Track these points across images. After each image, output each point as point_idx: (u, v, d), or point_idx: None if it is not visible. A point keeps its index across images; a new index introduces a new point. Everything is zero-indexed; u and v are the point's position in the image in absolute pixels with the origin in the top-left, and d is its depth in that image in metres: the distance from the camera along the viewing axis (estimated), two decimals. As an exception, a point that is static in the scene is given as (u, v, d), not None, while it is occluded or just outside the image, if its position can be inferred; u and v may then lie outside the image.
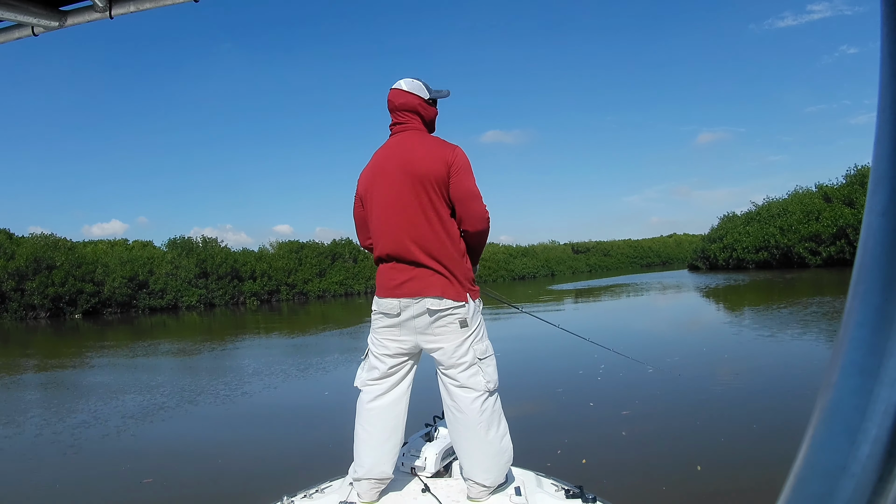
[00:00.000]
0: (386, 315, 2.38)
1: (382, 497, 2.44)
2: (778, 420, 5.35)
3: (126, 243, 45.58)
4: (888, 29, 0.38)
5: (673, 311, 19.05)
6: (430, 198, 2.33)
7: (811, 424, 0.38)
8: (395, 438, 2.42)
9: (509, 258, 68.93)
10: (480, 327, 2.41)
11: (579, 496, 2.32)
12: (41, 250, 35.53)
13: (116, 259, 38.84)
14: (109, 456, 5.78)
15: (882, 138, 0.37)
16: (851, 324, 0.37)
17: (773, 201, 48.98)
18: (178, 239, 44.45)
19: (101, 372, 12.23)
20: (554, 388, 7.47)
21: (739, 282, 30.02)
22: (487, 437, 2.32)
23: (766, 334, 11.12)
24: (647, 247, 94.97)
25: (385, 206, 2.40)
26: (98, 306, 36.03)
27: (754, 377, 7.41)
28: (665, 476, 4.36)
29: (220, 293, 41.16)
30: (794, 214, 42.69)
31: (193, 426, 7.05)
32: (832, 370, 0.38)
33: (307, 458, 5.29)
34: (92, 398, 8.83)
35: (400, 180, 2.36)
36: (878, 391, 0.35)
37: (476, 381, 2.32)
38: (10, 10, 1.35)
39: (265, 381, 9.52)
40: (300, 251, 48.04)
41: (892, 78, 0.37)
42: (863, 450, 0.35)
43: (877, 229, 0.37)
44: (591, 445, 5.15)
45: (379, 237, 2.43)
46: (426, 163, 2.34)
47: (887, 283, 0.36)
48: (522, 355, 10.07)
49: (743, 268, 44.80)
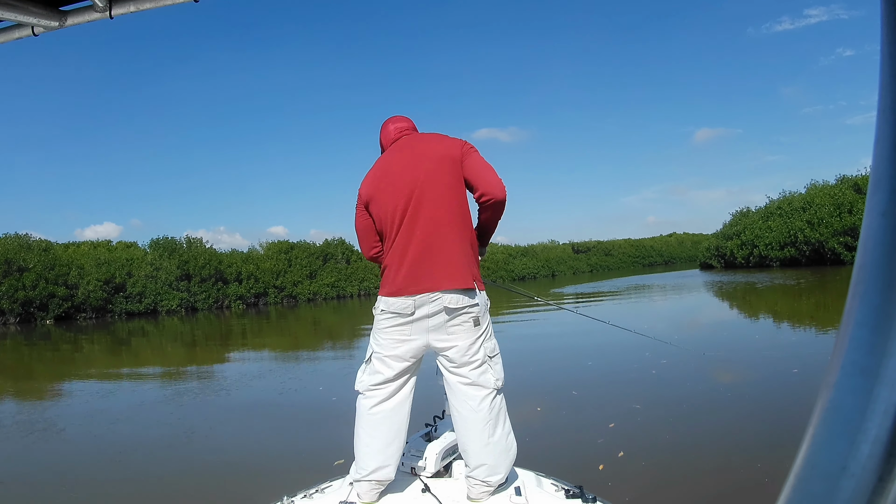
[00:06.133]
0: (399, 314, 2.43)
1: (382, 497, 2.51)
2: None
3: (109, 244, 45.24)
4: (888, 29, 0.39)
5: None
6: (448, 179, 2.46)
7: (811, 424, 0.40)
8: (398, 442, 2.51)
9: (509, 258, 68.73)
10: (489, 325, 2.52)
11: (579, 496, 2.39)
12: (13, 252, 35.18)
13: (93, 261, 38.38)
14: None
15: (882, 139, 0.39)
16: (851, 324, 0.39)
17: (794, 195, 48.17)
18: (160, 239, 44.17)
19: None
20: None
21: (793, 282, 27.36)
22: (494, 435, 2.42)
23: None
24: (649, 246, 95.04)
25: (400, 196, 2.47)
26: (71, 311, 35.60)
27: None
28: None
29: (203, 296, 40.82)
30: (823, 207, 41.55)
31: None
32: (832, 370, 0.39)
33: (307, 458, 5.36)
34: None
35: (417, 167, 2.47)
36: (878, 391, 0.37)
37: (486, 378, 2.43)
38: (10, 10, 1.39)
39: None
40: (290, 252, 47.70)
41: (892, 78, 0.39)
42: (863, 450, 0.37)
43: (877, 229, 0.39)
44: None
45: (392, 232, 2.50)
46: (440, 145, 2.52)
47: (887, 283, 0.38)
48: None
49: (766, 266, 44.04)
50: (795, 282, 26.77)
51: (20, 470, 5.80)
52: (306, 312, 33.32)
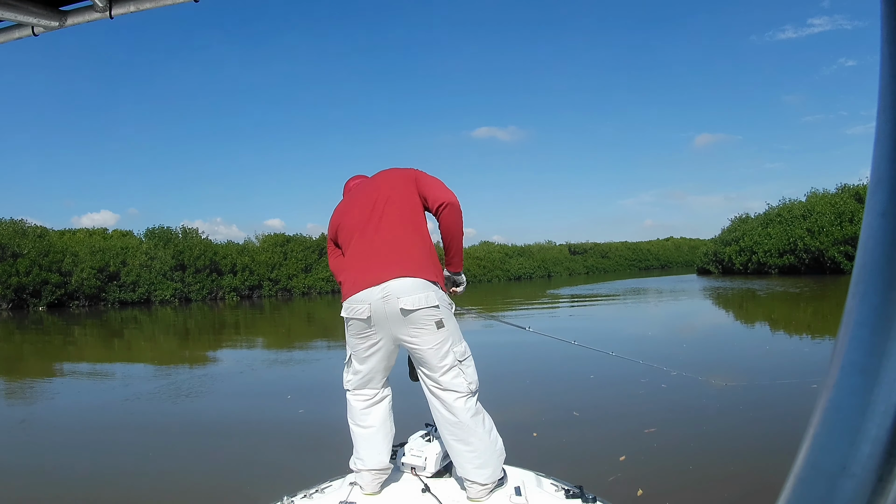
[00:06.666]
0: (357, 319, 2.55)
1: (383, 497, 2.58)
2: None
3: (104, 232, 45.25)
4: (888, 31, 0.40)
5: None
6: (400, 198, 2.62)
7: (811, 424, 0.40)
8: (385, 428, 2.68)
9: (505, 258, 68.83)
10: (457, 329, 2.57)
11: (579, 496, 2.42)
12: (7, 237, 35.18)
13: (87, 248, 38.37)
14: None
15: (882, 139, 0.40)
16: (851, 324, 0.39)
17: (795, 202, 48.17)
18: (156, 228, 44.18)
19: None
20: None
21: (797, 290, 26.49)
22: (477, 435, 2.48)
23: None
24: (645, 249, 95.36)
25: (362, 210, 2.68)
26: (64, 298, 35.65)
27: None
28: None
29: (197, 287, 40.85)
30: (824, 215, 41.36)
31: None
32: (832, 370, 0.40)
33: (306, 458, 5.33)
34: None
35: (372, 196, 2.67)
36: (878, 391, 0.37)
37: (458, 382, 2.49)
38: (10, 10, 1.39)
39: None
40: (286, 245, 47.69)
41: (892, 79, 0.39)
42: (863, 450, 0.37)
43: (877, 229, 0.39)
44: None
45: (351, 239, 2.68)
46: (394, 173, 2.75)
47: (887, 283, 0.38)
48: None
49: (765, 273, 43.85)
50: (799, 290, 25.97)
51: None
52: (300, 306, 33.30)
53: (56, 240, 38.83)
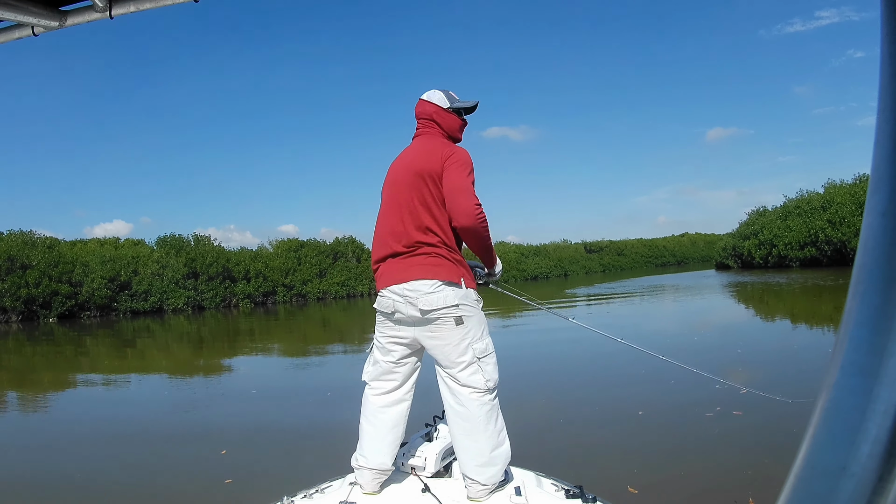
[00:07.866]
0: (382, 312, 2.64)
1: (383, 497, 2.60)
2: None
3: (116, 242, 45.43)
4: (888, 30, 0.40)
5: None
6: (423, 193, 2.57)
7: (811, 424, 0.40)
8: (395, 432, 2.67)
9: (521, 258, 68.71)
10: (480, 325, 2.56)
11: (579, 496, 2.43)
12: (16, 249, 35.31)
13: (98, 258, 38.49)
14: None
15: (882, 139, 0.40)
16: (851, 324, 0.40)
17: (812, 194, 47.55)
18: (167, 237, 44.37)
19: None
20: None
21: (831, 283, 25.34)
22: (486, 434, 2.48)
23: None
24: (661, 246, 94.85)
25: (386, 202, 2.71)
26: (75, 309, 35.69)
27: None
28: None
29: (210, 295, 40.95)
30: (844, 206, 40.84)
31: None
32: (832, 370, 0.40)
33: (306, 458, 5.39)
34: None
35: (401, 179, 2.65)
36: (878, 391, 0.38)
37: (475, 379, 2.50)
38: (10, 10, 1.41)
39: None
40: (299, 250, 47.74)
41: (893, 79, 0.40)
42: (863, 450, 0.37)
43: (877, 229, 0.40)
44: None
45: (377, 232, 2.75)
46: (424, 159, 2.61)
47: (887, 283, 0.39)
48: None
49: (786, 266, 43.42)
50: (826, 283, 25.13)
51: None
52: (315, 311, 33.39)
53: (67, 250, 38.95)
